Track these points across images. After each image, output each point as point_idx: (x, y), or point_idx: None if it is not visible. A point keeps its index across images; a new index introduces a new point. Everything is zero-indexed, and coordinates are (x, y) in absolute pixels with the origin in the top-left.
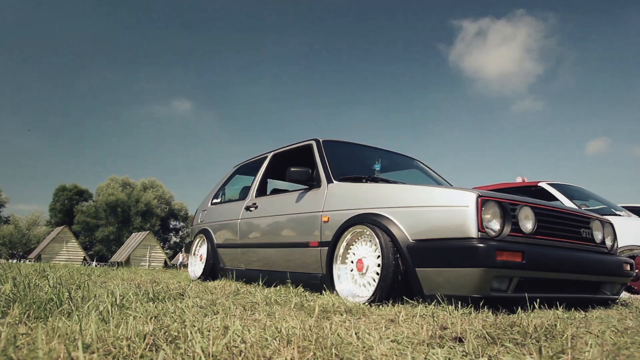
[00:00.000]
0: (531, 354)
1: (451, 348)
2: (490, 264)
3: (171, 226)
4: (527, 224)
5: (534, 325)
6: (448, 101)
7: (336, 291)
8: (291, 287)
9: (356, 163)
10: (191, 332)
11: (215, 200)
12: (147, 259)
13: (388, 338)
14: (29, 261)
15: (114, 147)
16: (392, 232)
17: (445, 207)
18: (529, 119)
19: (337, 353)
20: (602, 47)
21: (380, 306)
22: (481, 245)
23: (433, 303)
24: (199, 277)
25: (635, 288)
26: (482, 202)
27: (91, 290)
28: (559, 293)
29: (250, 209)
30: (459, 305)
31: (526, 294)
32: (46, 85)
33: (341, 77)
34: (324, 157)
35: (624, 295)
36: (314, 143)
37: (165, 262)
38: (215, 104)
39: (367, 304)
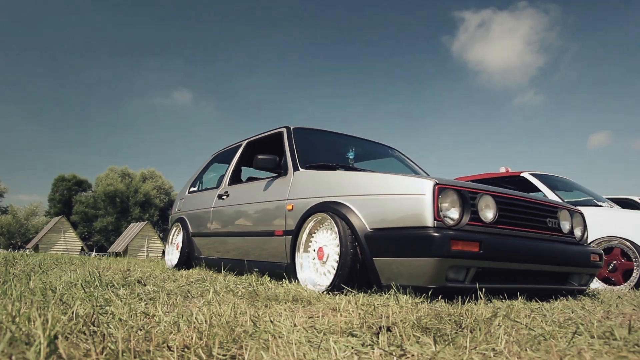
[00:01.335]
0: (442, 344)
1: (373, 337)
2: (444, 253)
3: None
4: (488, 213)
5: (475, 316)
6: (450, 93)
7: (298, 280)
8: (254, 276)
9: (329, 151)
10: (103, 316)
11: (192, 189)
12: (145, 249)
13: (310, 326)
14: (28, 251)
15: (115, 137)
16: (350, 221)
17: (402, 195)
18: (531, 112)
19: (236, 338)
20: (604, 40)
21: (336, 295)
22: (436, 234)
23: (389, 292)
24: (175, 266)
25: (613, 279)
26: (439, 190)
27: (47, 277)
28: (523, 284)
29: (223, 197)
30: (414, 295)
31: (481, 285)
32: (48, 77)
33: (342, 69)
34: (293, 145)
35: (599, 286)
36: (284, 130)
37: (163, 252)
38: (215, 95)
39: (325, 292)
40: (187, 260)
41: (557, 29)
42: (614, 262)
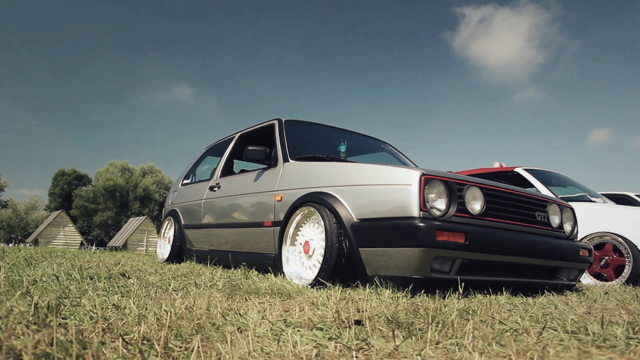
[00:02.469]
0: (409, 338)
1: (342, 331)
2: (429, 244)
3: None
4: (475, 205)
5: (450, 310)
6: (451, 89)
7: (284, 273)
8: (242, 270)
9: (320, 144)
10: (72, 307)
11: (185, 181)
12: (145, 243)
13: (282, 320)
14: (29, 245)
15: (115, 132)
16: (337, 212)
17: (389, 186)
18: (532, 108)
19: (199, 330)
20: (605, 36)
21: (320, 289)
22: (421, 224)
23: (373, 286)
24: (166, 260)
25: (605, 275)
26: (426, 181)
27: (31, 269)
28: (510, 277)
29: (214, 189)
30: (397, 289)
31: (467, 277)
32: (49, 72)
33: (343, 64)
34: (284, 137)
35: (591, 282)
36: (276, 123)
37: None
38: (215, 91)
39: (309, 286)
40: (179, 253)
41: (557, 25)
42: (606, 257)
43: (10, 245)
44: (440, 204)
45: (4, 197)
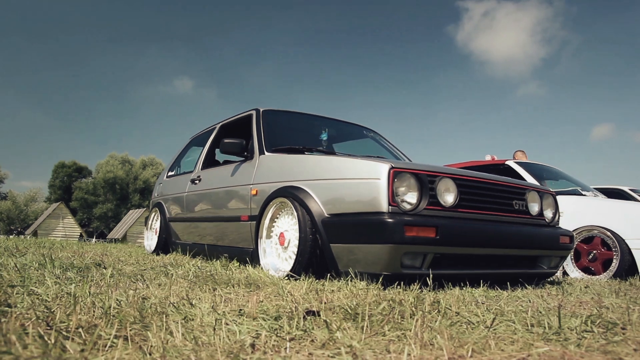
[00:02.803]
0: (356, 330)
1: (291, 322)
2: (398, 240)
3: None
4: (448, 197)
5: (410, 302)
6: (454, 83)
7: (261, 265)
8: (221, 262)
9: (300, 134)
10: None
11: (170, 173)
12: (144, 235)
13: (236, 310)
14: (29, 237)
15: (116, 124)
16: (308, 207)
17: (358, 180)
18: (535, 103)
19: (140, 318)
20: (607, 31)
21: (296, 280)
22: (389, 220)
23: (348, 278)
24: (153, 251)
25: (593, 269)
26: (395, 174)
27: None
28: (487, 269)
29: (195, 181)
30: (371, 281)
31: (440, 271)
32: (50, 64)
33: (346, 57)
34: (260, 128)
35: (579, 275)
36: (254, 113)
37: None
38: (216, 83)
39: (285, 277)
40: (165, 245)
41: (560, 20)
42: (594, 251)
43: (11, 237)
44: (410, 198)
45: (4, 189)
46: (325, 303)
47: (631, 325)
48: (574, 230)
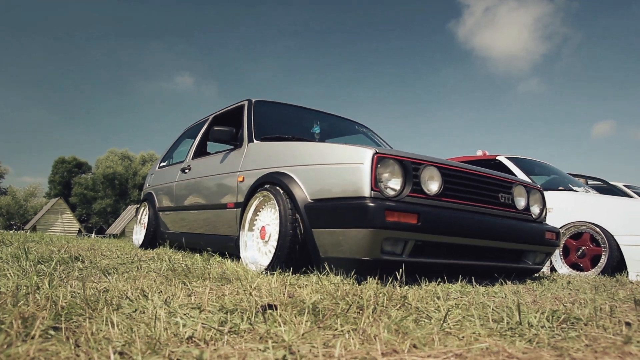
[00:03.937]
0: (306, 324)
1: (243, 315)
2: (378, 224)
3: None
4: (432, 185)
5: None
6: (456, 79)
7: (242, 258)
8: (206, 255)
9: (291, 126)
10: None
11: (162, 164)
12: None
13: (191, 304)
14: (25, 232)
15: (117, 120)
16: (292, 192)
17: (342, 165)
18: (536, 99)
19: (89, 310)
20: (608, 28)
21: (273, 275)
22: (370, 204)
23: (324, 272)
24: (141, 245)
25: (582, 265)
26: (378, 160)
27: None
28: (470, 260)
29: (185, 170)
30: (346, 275)
31: (422, 259)
32: (51, 59)
33: (347, 54)
34: (251, 117)
35: (567, 272)
36: (245, 103)
37: None
38: (217, 80)
39: (264, 272)
40: (154, 237)
41: (560, 16)
42: (583, 247)
43: (16, 232)
44: (394, 184)
45: (4, 184)
46: (290, 298)
47: (593, 321)
48: (563, 226)
